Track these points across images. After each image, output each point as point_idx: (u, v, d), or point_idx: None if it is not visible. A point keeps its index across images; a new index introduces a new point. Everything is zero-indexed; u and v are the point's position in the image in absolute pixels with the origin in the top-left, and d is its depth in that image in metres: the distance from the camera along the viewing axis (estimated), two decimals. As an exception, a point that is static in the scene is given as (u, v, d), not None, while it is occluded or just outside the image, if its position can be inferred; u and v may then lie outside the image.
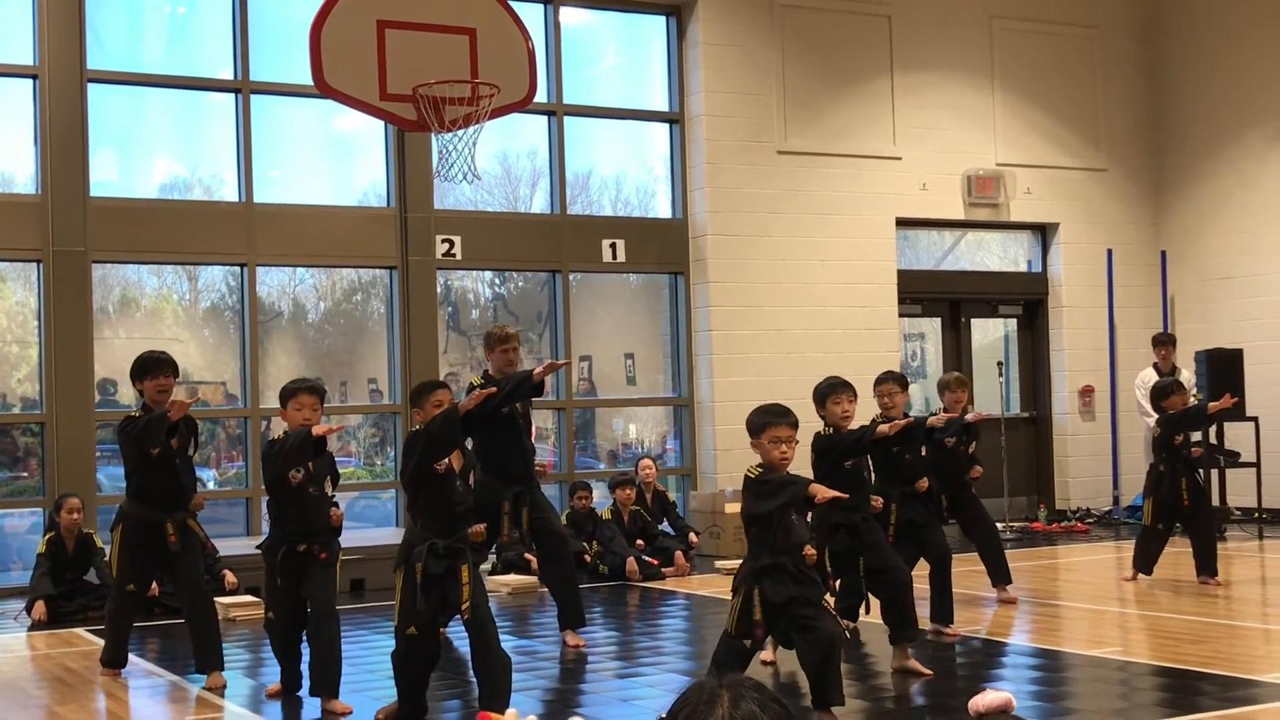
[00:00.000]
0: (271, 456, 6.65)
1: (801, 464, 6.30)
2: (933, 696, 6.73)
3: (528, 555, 11.48)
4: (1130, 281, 15.67)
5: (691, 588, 10.67)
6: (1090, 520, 14.74)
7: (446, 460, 6.15)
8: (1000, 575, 9.41)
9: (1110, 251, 15.56)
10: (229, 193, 12.40)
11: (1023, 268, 15.82)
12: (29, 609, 9.70)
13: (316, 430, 6.40)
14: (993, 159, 15.08)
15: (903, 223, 14.76)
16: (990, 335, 15.91)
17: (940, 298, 15.33)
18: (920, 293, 15.03)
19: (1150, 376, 13.84)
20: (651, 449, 14.07)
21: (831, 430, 7.28)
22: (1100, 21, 15.73)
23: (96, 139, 11.77)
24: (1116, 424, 15.37)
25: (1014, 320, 15.87)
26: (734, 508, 11.90)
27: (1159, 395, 10.38)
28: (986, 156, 15.06)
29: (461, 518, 6.26)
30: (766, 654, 7.34)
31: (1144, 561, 10.25)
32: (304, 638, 6.88)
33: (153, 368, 7.35)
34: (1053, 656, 7.60)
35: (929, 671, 7.06)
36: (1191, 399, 12.52)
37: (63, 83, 11.50)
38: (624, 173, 14.37)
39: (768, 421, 5.93)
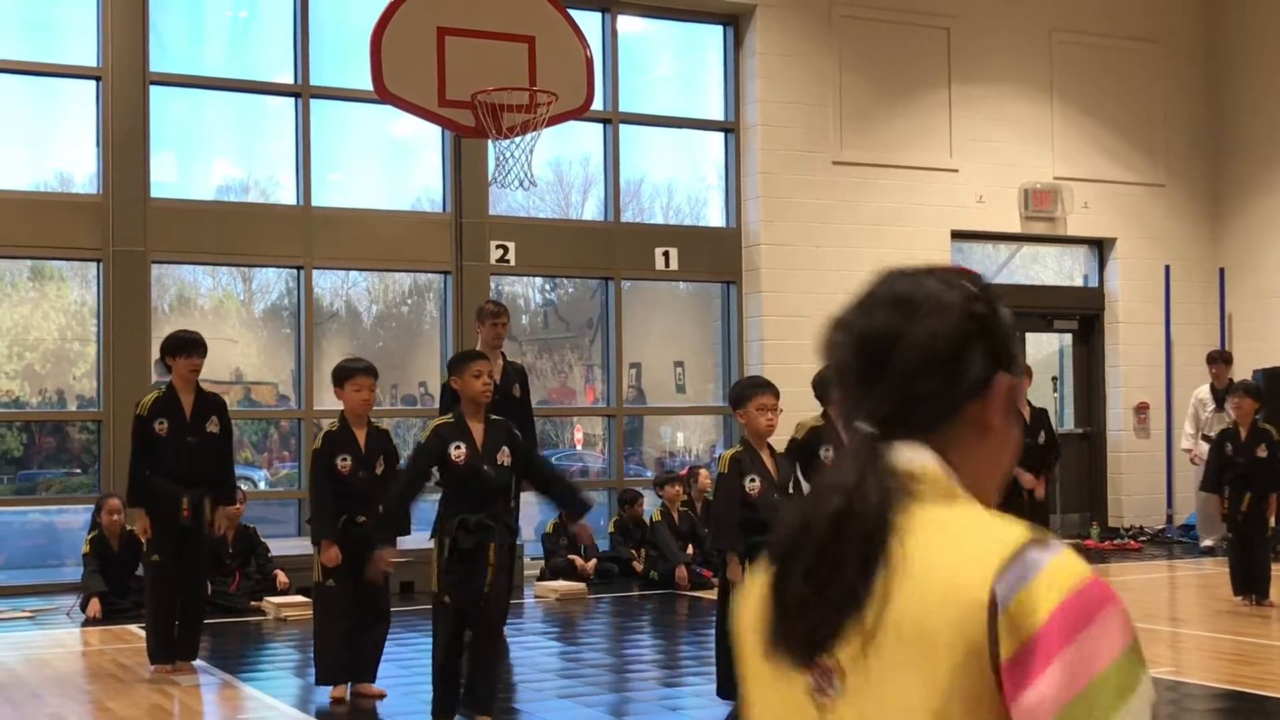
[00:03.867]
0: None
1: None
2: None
3: (574, 558, 11.51)
4: (1188, 298, 15.52)
5: (739, 598, 10.63)
6: (1143, 539, 14.59)
7: (465, 448, 6.13)
8: None
9: (1168, 267, 15.41)
10: (285, 195, 12.50)
11: (1079, 282, 15.69)
12: (83, 606, 9.78)
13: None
14: (1050, 173, 14.97)
15: (958, 235, 14.67)
16: (1045, 350, 15.78)
17: (994, 311, 15.19)
18: (974, 306, 14.90)
19: (1205, 394, 13.73)
20: (700, 458, 14.05)
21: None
22: (1161, 37, 15.59)
23: (157, 140, 11.89)
24: (1171, 442, 15.21)
25: (1069, 335, 15.74)
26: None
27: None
28: (1044, 170, 14.95)
29: (493, 496, 6.23)
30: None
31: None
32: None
33: (188, 347, 7.71)
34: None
35: None
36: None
37: (125, 84, 11.63)
38: (675, 181, 14.37)
39: (751, 392, 6.25)
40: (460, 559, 6.07)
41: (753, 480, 6.17)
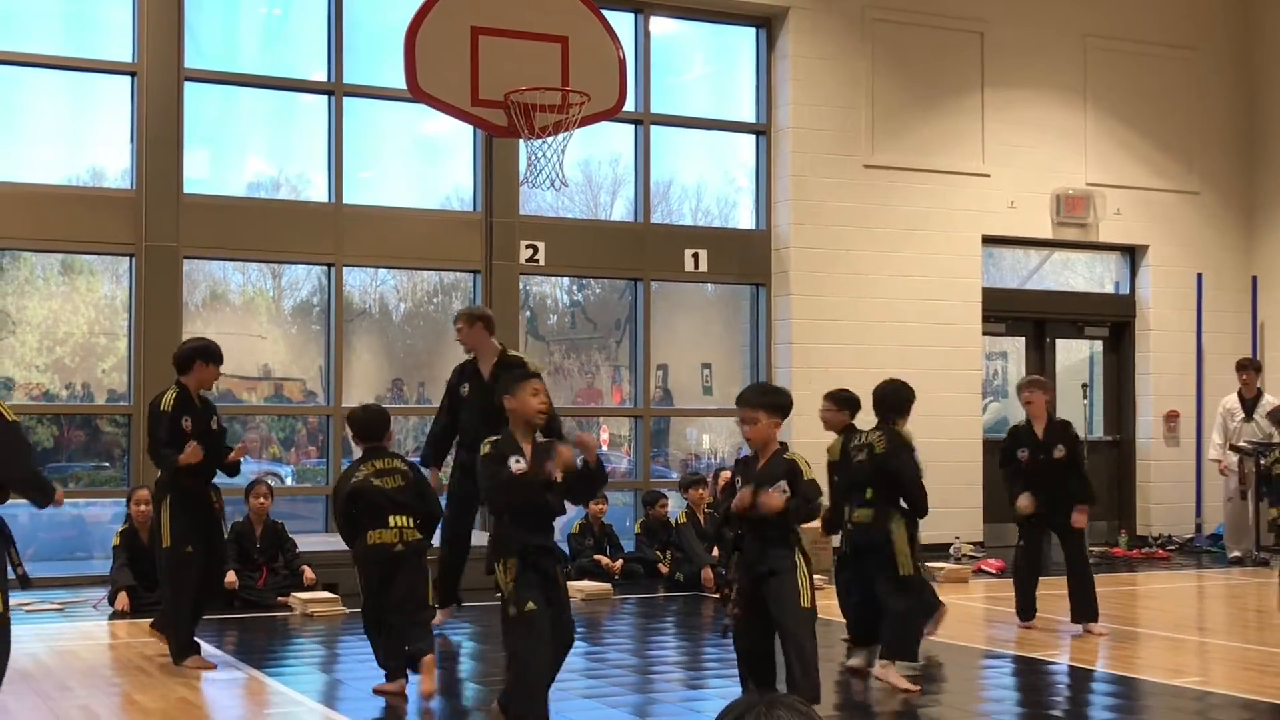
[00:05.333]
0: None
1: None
2: (1008, 721, 6.66)
3: (600, 557, 11.52)
4: (1220, 306, 15.43)
5: (764, 601, 10.61)
6: (1172, 548, 14.52)
7: (523, 462, 5.98)
8: (1084, 612, 9.18)
9: (1200, 275, 15.32)
10: (317, 193, 12.55)
11: (1110, 289, 15.62)
12: (111, 599, 9.84)
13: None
14: (1083, 179, 14.91)
15: (989, 240, 14.62)
16: (1075, 356, 15.72)
17: (1025, 317, 15.18)
18: (1005, 311, 14.89)
19: (1233, 403, 13.67)
20: (725, 460, 14.04)
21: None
22: (1197, 43, 15.50)
23: (191, 136, 11.95)
24: (1201, 451, 15.13)
25: (1100, 342, 15.67)
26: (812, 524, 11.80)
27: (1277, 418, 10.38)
28: (1076, 176, 14.89)
29: (547, 517, 6.10)
30: (856, 661, 7.49)
31: None
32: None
33: (219, 356, 7.88)
34: (1129, 684, 7.49)
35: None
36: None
37: (160, 80, 11.70)
38: (705, 182, 14.36)
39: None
40: (536, 572, 5.87)
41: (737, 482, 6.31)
